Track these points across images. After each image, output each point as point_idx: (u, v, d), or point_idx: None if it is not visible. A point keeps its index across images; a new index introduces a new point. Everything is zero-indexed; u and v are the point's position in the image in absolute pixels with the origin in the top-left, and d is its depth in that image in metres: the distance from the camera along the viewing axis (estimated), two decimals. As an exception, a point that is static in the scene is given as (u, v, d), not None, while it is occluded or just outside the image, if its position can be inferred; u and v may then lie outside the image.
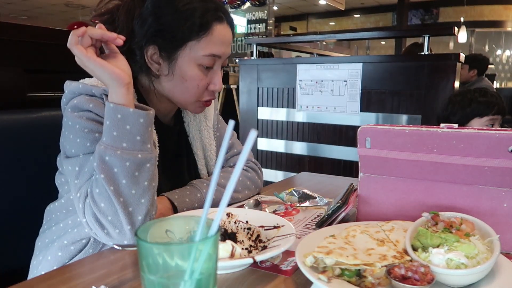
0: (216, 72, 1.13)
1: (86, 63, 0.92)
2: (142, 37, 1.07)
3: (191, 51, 1.07)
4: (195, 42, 1.07)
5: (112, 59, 0.96)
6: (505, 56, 12.10)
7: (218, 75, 1.13)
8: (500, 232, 0.78)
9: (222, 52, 1.10)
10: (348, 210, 1.05)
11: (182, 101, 1.15)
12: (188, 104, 1.16)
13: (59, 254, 1.05)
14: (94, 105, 1.01)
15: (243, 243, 0.93)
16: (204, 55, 1.08)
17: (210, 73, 1.12)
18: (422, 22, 12.05)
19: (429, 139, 0.94)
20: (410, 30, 9.74)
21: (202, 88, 1.12)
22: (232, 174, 0.51)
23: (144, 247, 0.49)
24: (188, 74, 1.09)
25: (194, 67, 1.09)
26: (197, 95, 1.13)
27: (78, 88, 1.04)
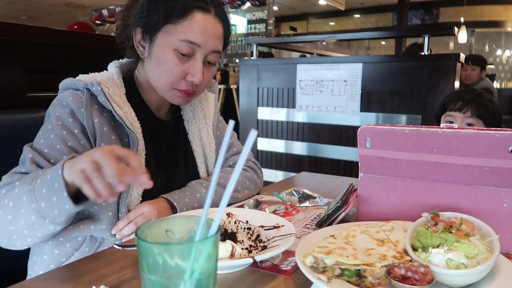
0: (196, 62, 1.10)
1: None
2: (132, 20, 1.12)
3: (168, 34, 1.08)
4: (172, 26, 1.07)
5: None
6: (505, 56, 12.09)
7: (198, 66, 1.10)
8: (500, 232, 0.78)
9: (201, 41, 1.08)
10: (348, 210, 1.05)
11: (159, 86, 1.14)
12: (164, 91, 1.14)
13: (55, 252, 1.04)
14: (73, 98, 1.04)
15: (243, 243, 0.93)
16: (179, 40, 1.07)
17: (189, 62, 1.10)
18: (422, 22, 12.04)
19: (429, 139, 0.94)
20: (410, 30, 9.73)
21: (177, 75, 1.10)
22: (232, 174, 0.51)
23: (144, 247, 0.49)
24: (162, 57, 1.09)
25: (169, 50, 1.08)
26: (171, 81, 1.11)
27: (67, 83, 1.08)
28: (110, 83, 1.11)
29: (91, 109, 1.06)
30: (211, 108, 1.37)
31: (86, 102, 1.05)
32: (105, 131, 1.06)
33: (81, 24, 9.75)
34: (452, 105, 1.86)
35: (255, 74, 3.44)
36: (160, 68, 1.11)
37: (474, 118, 1.82)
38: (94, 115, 1.06)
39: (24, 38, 1.39)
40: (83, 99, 1.05)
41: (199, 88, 1.16)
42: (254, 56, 3.58)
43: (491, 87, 4.61)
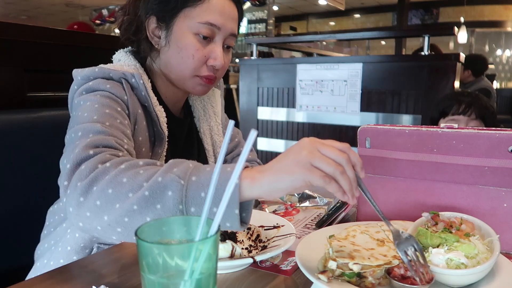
0: (216, 45, 1.07)
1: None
2: (144, 10, 1.07)
3: (187, 18, 1.04)
4: (190, 9, 1.04)
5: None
6: (505, 56, 12.09)
7: (219, 49, 1.07)
8: (500, 232, 0.78)
9: (221, 23, 1.05)
10: (348, 210, 1.05)
11: (179, 74, 1.09)
12: (185, 80, 1.09)
13: (61, 261, 1.02)
14: (111, 86, 0.96)
15: (243, 243, 0.93)
16: (199, 23, 1.03)
17: (210, 46, 1.07)
18: (422, 22, 12.04)
19: (429, 139, 0.94)
20: (410, 30, 9.74)
21: (199, 60, 1.06)
22: (233, 174, 0.51)
23: (144, 247, 0.49)
24: (183, 42, 1.05)
25: (189, 35, 1.05)
26: (193, 67, 1.06)
27: (94, 72, 0.99)
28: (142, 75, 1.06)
29: (134, 100, 1.00)
30: (219, 105, 1.35)
31: (129, 91, 0.99)
32: (143, 126, 1.02)
33: (81, 24, 9.76)
34: (454, 109, 1.85)
35: (255, 74, 3.44)
36: (180, 54, 1.06)
37: (478, 120, 1.83)
38: (137, 105, 1.00)
39: (24, 38, 1.39)
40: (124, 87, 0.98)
41: (218, 73, 1.12)
42: (254, 56, 3.58)
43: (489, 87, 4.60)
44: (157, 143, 1.05)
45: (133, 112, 0.98)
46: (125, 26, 1.12)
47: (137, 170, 0.72)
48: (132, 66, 1.09)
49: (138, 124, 1.00)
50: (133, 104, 0.99)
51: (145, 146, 1.02)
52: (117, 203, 0.70)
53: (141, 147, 1.01)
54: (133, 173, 0.72)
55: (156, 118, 1.04)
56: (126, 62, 1.11)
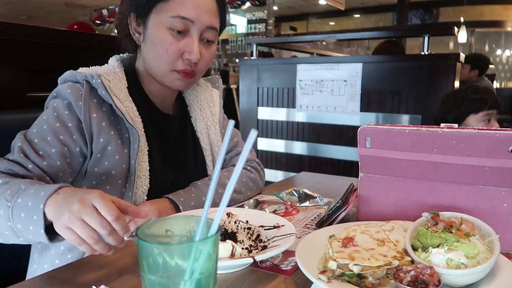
0: (191, 39, 1.08)
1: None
2: (125, 7, 1.11)
3: (160, 12, 1.06)
4: (163, 3, 1.06)
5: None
6: (505, 56, 12.09)
7: (193, 43, 1.07)
8: (500, 232, 0.78)
9: (194, 16, 1.05)
10: (348, 210, 1.05)
11: (157, 70, 1.11)
12: (163, 75, 1.11)
13: (56, 262, 1.02)
14: (71, 91, 1.02)
15: (243, 243, 0.93)
16: (171, 16, 1.05)
17: (184, 40, 1.07)
18: (422, 22, 12.04)
19: (429, 139, 0.93)
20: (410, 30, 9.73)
21: (173, 54, 1.07)
22: (233, 174, 0.51)
23: (144, 247, 0.49)
24: (157, 37, 1.07)
25: (163, 29, 1.06)
26: (167, 61, 1.08)
27: (67, 76, 1.06)
28: (112, 76, 1.09)
29: (90, 103, 1.03)
30: (217, 105, 1.36)
31: (85, 95, 1.02)
32: (104, 127, 1.04)
33: (81, 24, 9.76)
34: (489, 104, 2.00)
35: (255, 74, 3.44)
36: (155, 49, 1.08)
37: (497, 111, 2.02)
38: (92, 110, 1.03)
39: (24, 38, 1.39)
40: (82, 92, 1.02)
41: (198, 68, 1.12)
42: (254, 56, 3.58)
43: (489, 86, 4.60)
44: (131, 139, 1.06)
45: (85, 117, 1.01)
46: (116, 25, 1.16)
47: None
48: (109, 67, 1.13)
49: (97, 126, 1.03)
50: (86, 108, 1.02)
51: (111, 145, 1.04)
52: None
53: (107, 146, 1.04)
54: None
55: (122, 114, 1.04)
56: (110, 64, 1.15)
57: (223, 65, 11.07)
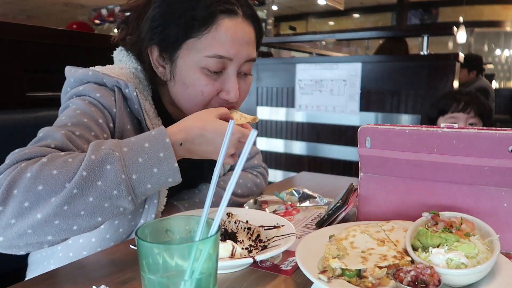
0: (229, 77, 0.94)
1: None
2: (145, 36, 0.96)
3: (191, 51, 0.92)
4: (195, 40, 0.91)
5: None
6: (504, 56, 12.09)
7: (232, 81, 0.94)
8: (500, 232, 0.78)
9: (232, 54, 0.92)
10: (348, 210, 1.05)
11: (188, 109, 0.98)
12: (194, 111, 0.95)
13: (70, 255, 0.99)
14: (101, 94, 0.89)
15: (243, 242, 0.93)
16: (206, 56, 0.91)
17: (221, 78, 0.94)
18: (421, 22, 12.04)
19: (429, 139, 0.93)
20: (409, 30, 9.73)
21: (209, 96, 0.94)
22: (233, 174, 0.51)
23: (144, 247, 0.49)
24: (188, 78, 0.93)
25: (195, 70, 0.92)
26: (203, 103, 0.95)
27: (87, 76, 0.92)
28: (137, 83, 0.98)
29: (124, 113, 0.91)
30: None
31: (119, 103, 0.90)
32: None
33: (80, 24, 9.75)
34: (454, 107, 1.88)
35: (255, 74, 3.44)
36: (187, 91, 0.95)
37: (477, 117, 1.86)
38: (126, 120, 0.92)
39: (23, 38, 1.39)
40: (114, 98, 0.90)
41: (237, 103, 1.00)
42: (254, 56, 3.58)
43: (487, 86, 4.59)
44: None
45: (119, 127, 0.90)
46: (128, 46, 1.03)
47: (64, 159, 0.70)
48: (133, 69, 1.00)
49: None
50: (121, 118, 0.91)
51: None
52: (52, 196, 0.67)
53: None
54: (62, 162, 0.70)
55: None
56: (128, 64, 1.02)
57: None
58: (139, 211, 0.96)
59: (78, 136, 0.81)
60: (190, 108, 0.97)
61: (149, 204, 0.96)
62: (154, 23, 0.93)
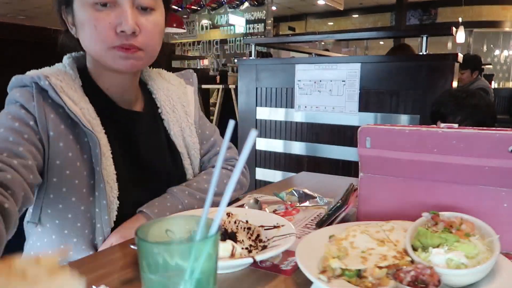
0: (122, 8, 0.96)
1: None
2: (55, 2, 1.03)
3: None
4: None
5: None
6: (503, 57, 12.11)
7: (124, 11, 0.95)
8: (500, 232, 0.78)
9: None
10: (348, 210, 1.05)
11: (94, 53, 1.01)
12: (102, 56, 0.99)
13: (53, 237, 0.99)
14: (20, 94, 0.94)
15: (243, 242, 0.93)
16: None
17: (114, 13, 0.96)
18: (420, 22, 12.06)
19: (429, 139, 0.93)
20: (408, 30, 9.75)
21: (104, 30, 0.95)
22: (233, 175, 0.51)
23: (144, 247, 0.49)
24: (82, 18, 0.97)
25: (87, 8, 0.96)
26: (100, 39, 0.96)
27: (13, 82, 0.98)
28: (62, 76, 1.00)
29: (44, 104, 0.94)
30: (191, 104, 1.26)
31: (37, 96, 0.94)
32: (62, 130, 0.95)
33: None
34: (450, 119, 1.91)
35: (254, 74, 3.44)
36: (85, 31, 0.98)
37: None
38: (48, 110, 0.94)
39: (22, 38, 1.39)
40: (33, 93, 0.94)
41: (140, 41, 0.99)
42: (253, 56, 3.58)
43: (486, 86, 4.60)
44: (91, 144, 0.97)
45: (40, 119, 0.93)
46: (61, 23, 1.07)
47: None
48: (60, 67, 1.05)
49: (53, 130, 0.94)
50: (41, 109, 0.93)
51: (71, 151, 0.96)
52: None
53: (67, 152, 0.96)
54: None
55: (77, 118, 0.94)
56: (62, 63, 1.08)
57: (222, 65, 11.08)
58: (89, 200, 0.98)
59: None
60: (94, 49, 1.00)
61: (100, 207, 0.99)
62: None
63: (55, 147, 0.94)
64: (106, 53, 0.98)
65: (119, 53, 0.98)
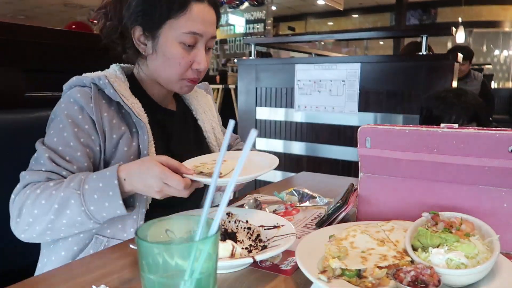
0: (199, 50, 1.16)
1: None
2: (128, 19, 1.14)
3: (171, 29, 1.12)
4: (174, 20, 1.12)
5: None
6: (502, 57, 12.11)
7: (202, 54, 1.16)
8: (500, 232, 0.78)
9: (202, 31, 1.14)
10: (348, 210, 1.05)
11: (167, 80, 1.19)
12: (173, 83, 1.19)
13: (62, 253, 1.06)
14: (81, 94, 1.08)
15: (243, 242, 0.93)
16: (183, 33, 1.12)
17: (193, 52, 1.15)
18: (420, 22, 12.06)
19: (429, 139, 0.93)
20: (408, 30, 9.74)
21: (185, 66, 1.15)
22: (233, 175, 0.51)
23: (144, 247, 0.49)
24: (169, 51, 1.14)
25: (175, 44, 1.13)
26: (180, 72, 1.16)
27: (73, 81, 1.12)
28: (114, 78, 1.16)
29: (100, 104, 1.09)
30: (213, 108, 1.47)
31: (95, 97, 1.09)
32: (114, 124, 1.10)
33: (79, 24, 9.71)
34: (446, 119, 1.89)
35: (254, 74, 3.44)
36: (167, 63, 1.15)
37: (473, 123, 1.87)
38: (103, 109, 1.10)
39: (22, 38, 1.39)
40: (91, 95, 1.08)
41: (201, 74, 1.22)
42: (253, 56, 3.58)
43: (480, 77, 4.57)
44: (140, 132, 1.13)
45: (97, 119, 1.08)
46: (107, 30, 1.19)
47: (49, 192, 0.96)
48: (111, 71, 1.21)
49: (108, 124, 1.09)
50: (98, 108, 1.08)
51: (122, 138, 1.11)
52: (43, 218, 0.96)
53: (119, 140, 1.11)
54: (48, 195, 0.96)
55: (130, 109, 1.11)
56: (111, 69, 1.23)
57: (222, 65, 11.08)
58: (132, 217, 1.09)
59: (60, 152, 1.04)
60: (168, 77, 1.19)
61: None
62: (137, 8, 1.13)
63: (110, 138, 1.10)
64: (177, 82, 1.19)
65: (187, 83, 1.20)
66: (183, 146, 1.29)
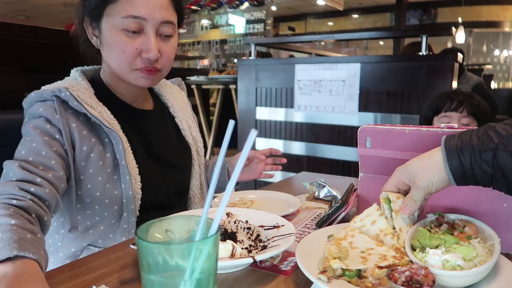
0: (146, 36, 1.06)
1: None
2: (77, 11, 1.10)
3: (111, 15, 1.05)
4: (113, 6, 1.04)
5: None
6: (502, 57, 12.10)
7: (149, 40, 1.06)
8: (500, 232, 0.78)
9: (145, 14, 1.04)
10: (348, 210, 1.05)
11: (120, 72, 1.11)
12: (126, 75, 1.10)
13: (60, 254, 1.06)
14: (43, 109, 1.01)
15: (243, 242, 0.93)
16: (122, 17, 1.04)
17: (140, 38, 1.06)
18: (420, 23, 12.05)
19: (430, 139, 0.93)
20: (408, 30, 9.73)
21: (131, 54, 1.06)
22: (233, 175, 0.51)
23: (144, 247, 0.49)
24: (112, 39, 1.06)
25: (116, 31, 1.05)
26: (127, 62, 1.07)
27: (32, 97, 1.05)
28: (76, 86, 1.08)
29: (66, 115, 1.03)
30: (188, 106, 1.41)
31: (59, 109, 1.02)
32: (85, 135, 1.04)
33: (79, 24, 9.73)
34: (447, 106, 1.89)
35: (254, 74, 3.43)
36: (112, 52, 1.08)
37: (470, 117, 1.86)
38: (71, 120, 1.03)
39: (22, 38, 1.39)
40: (55, 107, 1.02)
41: (161, 63, 1.11)
42: (253, 56, 3.58)
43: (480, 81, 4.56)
44: (114, 142, 1.06)
45: (65, 130, 1.01)
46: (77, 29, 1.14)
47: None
48: (71, 79, 1.13)
49: (78, 135, 1.03)
50: (64, 121, 1.01)
51: (94, 152, 1.05)
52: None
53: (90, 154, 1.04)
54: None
55: (98, 120, 1.04)
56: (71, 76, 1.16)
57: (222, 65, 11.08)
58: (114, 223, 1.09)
59: (31, 162, 0.93)
60: (118, 68, 1.10)
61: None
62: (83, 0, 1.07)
63: (80, 151, 1.03)
64: (130, 73, 1.10)
65: (142, 74, 1.09)
66: (165, 149, 1.24)
